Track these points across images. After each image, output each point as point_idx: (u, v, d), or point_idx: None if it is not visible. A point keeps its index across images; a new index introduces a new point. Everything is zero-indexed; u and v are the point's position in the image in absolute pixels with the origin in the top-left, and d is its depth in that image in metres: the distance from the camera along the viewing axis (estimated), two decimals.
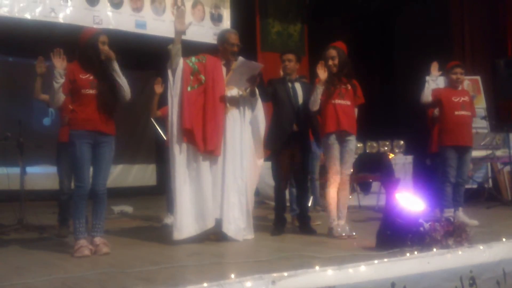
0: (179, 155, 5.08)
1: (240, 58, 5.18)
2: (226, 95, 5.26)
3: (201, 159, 5.13)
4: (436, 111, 6.73)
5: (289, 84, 5.78)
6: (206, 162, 5.15)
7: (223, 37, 5.40)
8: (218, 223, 5.16)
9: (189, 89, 5.11)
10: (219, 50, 5.42)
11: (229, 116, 5.27)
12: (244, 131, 5.33)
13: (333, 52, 5.41)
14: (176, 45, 5.02)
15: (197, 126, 5.08)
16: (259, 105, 5.45)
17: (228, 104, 5.27)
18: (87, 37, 4.68)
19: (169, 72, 5.12)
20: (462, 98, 6.15)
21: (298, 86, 5.80)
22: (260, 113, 5.44)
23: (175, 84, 5.10)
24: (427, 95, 6.13)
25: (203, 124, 5.11)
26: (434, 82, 6.21)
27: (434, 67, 6.18)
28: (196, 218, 5.09)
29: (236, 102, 5.32)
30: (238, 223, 5.20)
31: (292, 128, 5.67)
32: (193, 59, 5.23)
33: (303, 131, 5.79)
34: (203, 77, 5.18)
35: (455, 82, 6.21)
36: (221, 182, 5.20)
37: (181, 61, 5.10)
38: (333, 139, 5.33)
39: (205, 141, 5.08)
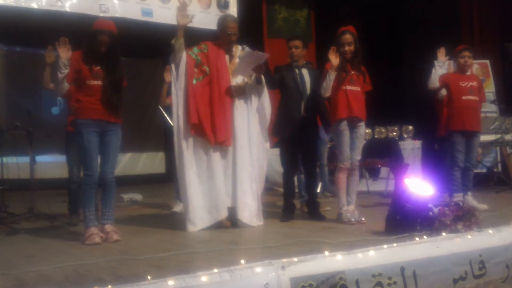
0: (187, 149, 5.09)
1: (247, 49, 5.18)
2: (231, 84, 5.25)
3: (210, 150, 5.14)
4: (440, 94, 6.71)
5: (296, 71, 5.75)
6: (216, 153, 5.16)
7: (221, 25, 5.32)
8: (231, 211, 5.19)
9: (194, 82, 5.10)
10: (220, 36, 5.35)
11: (236, 104, 5.26)
12: (251, 118, 5.33)
13: (350, 38, 5.36)
14: (179, 39, 5.00)
15: (205, 119, 5.07)
16: (265, 91, 5.45)
17: (234, 94, 5.25)
18: (91, 31, 4.63)
19: (173, 66, 5.12)
20: (470, 83, 6.10)
21: (305, 72, 5.78)
22: (266, 99, 5.42)
23: (179, 78, 5.09)
24: (434, 80, 6.10)
25: (211, 117, 5.11)
26: (441, 67, 6.17)
27: (441, 53, 6.14)
28: (209, 209, 5.11)
29: (242, 91, 5.30)
30: (251, 209, 5.24)
31: (300, 115, 5.66)
32: (195, 49, 5.20)
33: (311, 117, 5.78)
34: (207, 68, 5.17)
35: (463, 66, 6.17)
36: (232, 171, 5.22)
37: (184, 54, 5.09)
38: (344, 125, 5.33)
39: (215, 133, 5.08)
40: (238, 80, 5.30)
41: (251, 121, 5.32)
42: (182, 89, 5.10)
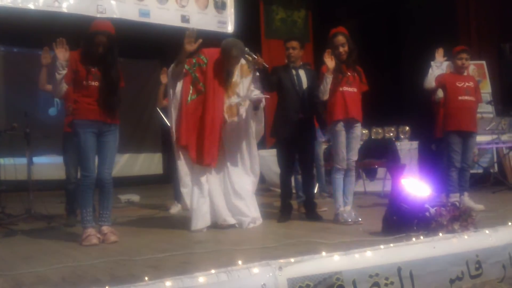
0: (182, 163, 5.17)
1: (247, 101, 5.28)
2: (225, 104, 5.28)
3: (201, 167, 5.21)
4: (437, 96, 6.72)
5: (293, 72, 5.76)
6: (206, 170, 5.23)
7: (225, 51, 5.22)
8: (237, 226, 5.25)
9: (188, 100, 5.12)
10: (222, 57, 5.27)
11: (228, 126, 5.32)
12: (245, 136, 5.38)
13: (342, 39, 5.37)
14: (181, 64, 5.00)
15: (192, 143, 5.12)
16: (261, 113, 5.50)
17: (226, 116, 5.29)
18: (88, 32, 4.63)
19: (171, 82, 5.13)
20: (467, 84, 6.12)
21: (302, 73, 5.79)
22: (261, 116, 5.48)
23: (175, 96, 5.13)
24: (430, 81, 6.12)
25: (200, 138, 5.14)
26: (438, 68, 6.18)
27: (439, 53, 6.16)
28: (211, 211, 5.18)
29: (235, 110, 5.35)
30: (253, 217, 5.29)
31: (297, 116, 5.67)
32: (194, 65, 5.17)
33: (308, 118, 5.79)
34: (202, 86, 5.17)
35: (460, 67, 6.18)
36: (230, 188, 5.29)
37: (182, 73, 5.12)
38: (340, 126, 5.34)
39: (201, 155, 5.12)
40: (232, 100, 5.32)
41: (244, 138, 5.38)
42: (177, 107, 5.13)
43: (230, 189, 5.29)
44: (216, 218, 5.17)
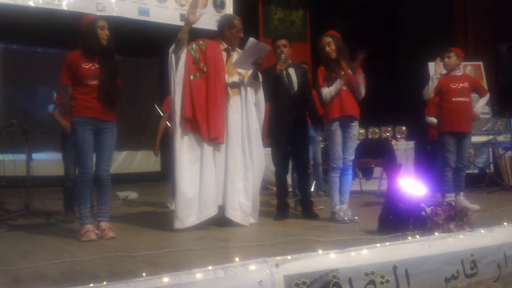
0: (182, 144, 5.07)
1: (251, 39, 5.12)
2: (227, 82, 5.25)
3: (204, 146, 5.11)
4: (430, 123, 6.76)
5: (283, 72, 5.77)
6: (209, 150, 5.14)
7: (229, 23, 5.33)
8: (222, 209, 5.20)
9: (192, 77, 5.11)
10: (223, 35, 5.35)
11: (231, 103, 5.27)
12: (248, 117, 5.33)
13: (327, 39, 5.41)
14: (185, 34, 5.01)
15: (201, 114, 5.06)
16: (260, 87, 5.45)
17: (230, 92, 5.27)
18: (86, 24, 4.68)
19: (173, 58, 5.08)
20: (461, 84, 6.12)
21: (292, 72, 5.80)
22: (261, 96, 5.44)
23: (178, 71, 5.09)
24: (430, 92, 6.14)
25: (206, 113, 5.11)
26: (438, 79, 6.19)
27: (438, 64, 6.17)
28: (198, 207, 5.07)
29: (237, 88, 5.32)
30: (244, 209, 5.23)
31: (289, 115, 5.68)
32: (194, 46, 5.21)
33: (302, 117, 5.82)
34: (204, 66, 5.17)
35: (445, 66, 6.22)
36: (224, 169, 5.21)
37: (185, 49, 5.11)
38: (336, 125, 5.36)
39: (209, 128, 5.08)
40: (233, 78, 5.31)
41: (247, 120, 5.31)
42: (181, 83, 5.09)
43: (225, 171, 5.20)
44: (208, 201, 5.09)
